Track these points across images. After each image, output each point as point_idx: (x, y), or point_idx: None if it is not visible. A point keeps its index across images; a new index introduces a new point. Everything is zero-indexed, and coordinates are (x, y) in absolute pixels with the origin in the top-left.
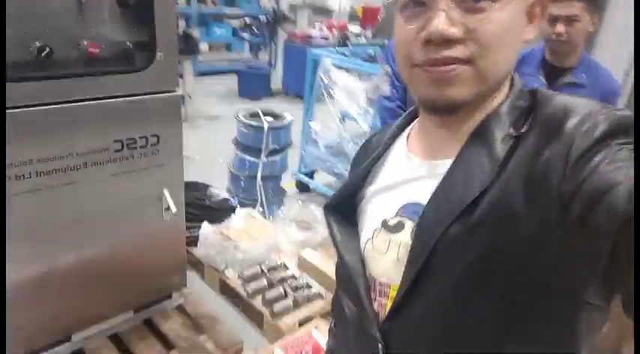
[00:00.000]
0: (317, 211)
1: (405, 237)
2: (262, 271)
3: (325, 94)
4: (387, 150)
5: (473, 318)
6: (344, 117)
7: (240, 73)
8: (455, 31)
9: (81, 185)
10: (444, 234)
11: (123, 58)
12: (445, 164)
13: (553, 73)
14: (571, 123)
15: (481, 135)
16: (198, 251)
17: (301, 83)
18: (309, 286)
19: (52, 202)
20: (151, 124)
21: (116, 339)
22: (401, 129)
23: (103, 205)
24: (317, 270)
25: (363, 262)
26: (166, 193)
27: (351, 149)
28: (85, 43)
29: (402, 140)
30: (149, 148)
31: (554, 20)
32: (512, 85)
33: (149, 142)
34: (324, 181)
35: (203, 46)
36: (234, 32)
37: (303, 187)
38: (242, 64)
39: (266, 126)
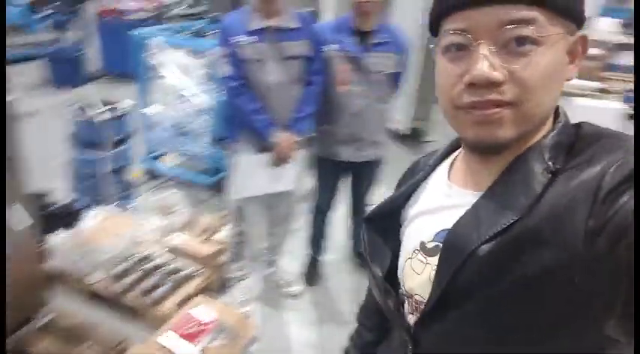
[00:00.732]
0: (174, 196)
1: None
2: (132, 265)
3: (158, 74)
4: (430, 174)
5: (493, 346)
6: (182, 95)
7: (52, 60)
8: (498, 75)
9: None
10: (470, 258)
11: None
12: (481, 194)
13: (361, 37)
14: (603, 159)
15: (518, 167)
16: (53, 265)
17: (124, 62)
18: (181, 269)
19: None
20: None
21: None
22: (445, 155)
23: None
24: (186, 251)
25: (391, 274)
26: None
27: (197, 126)
28: None
29: (444, 167)
30: None
31: None
32: (556, 120)
33: None
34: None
35: None
36: (30, 10)
37: (152, 175)
38: (46, 49)
39: (108, 116)
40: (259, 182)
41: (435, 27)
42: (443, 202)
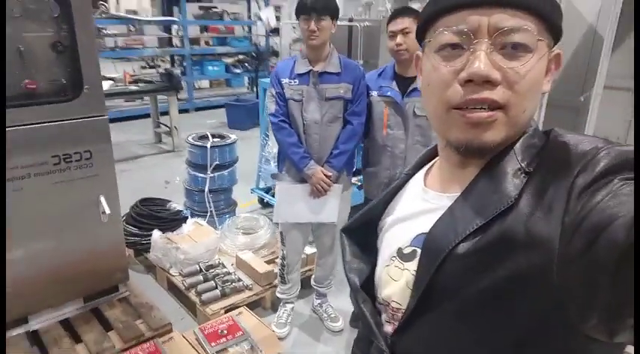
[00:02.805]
0: (261, 220)
1: (416, 265)
2: (200, 268)
3: None
4: (405, 183)
5: (472, 349)
6: None
7: (228, 106)
8: (497, 74)
9: (26, 192)
10: (448, 258)
11: (56, 91)
12: (457, 196)
13: (403, 83)
14: (575, 159)
15: (493, 169)
16: (150, 255)
17: None
18: (239, 280)
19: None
20: (84, 142)
21: (66, 323)
22: (421, 164)
23: (47, 208)
24: (249, 267)
25: (369, 284)
26: (102, 198)
27: None
28: (25, 81)
29: (420, 175)
30: (83, 161)
31: (392, 35)
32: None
33: (83, 156)
34: None
35: (202, 83)
36: (227, 69)
37: (264, 203)
38: (233, 99)
39: (209, 145)
40: (298, 210)
41: (426, 28)
42: (419, 208)
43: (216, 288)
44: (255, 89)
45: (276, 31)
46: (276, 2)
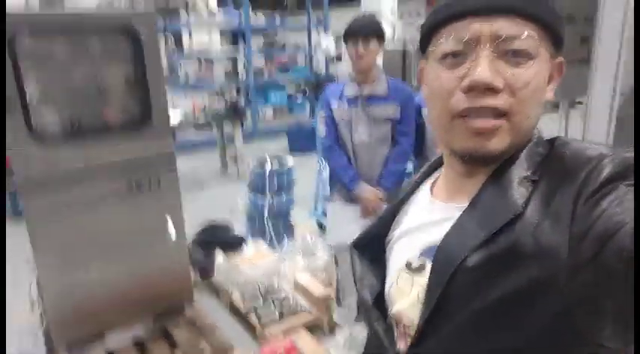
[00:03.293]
0: (319, 243)
1: (426, 278)
2: (260, 291)
3: None
4: (412, 195)
5: None
6: None
7: (289, 132)
8: (499, 81)
9: (103, 216)
10: (458, 271)
11: (131, 122)
12: (465, 207)
13: None
14: (580, 166)
15: (499, 178)
16: (215, 278)
17: None
18: (297, 303)
19: (81, 228)
20: (153, 170)
21: (137, 341)
22: (426, 175)
23: (121, 230)
24: (307, 291)
25: (381, 299)
26: (169, 221)
27: None
28: (103, 113)
29: (426, 187)
30: (152, 187)
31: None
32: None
33: (152, 182)
34: None
35: (266, 111)
36: (289, 96)
37: (323, 227)
38: (295, 125)
39: (267, 170)
40: (350, 231)
41: (429, 37)
42: (426, 219)
43: (276, 311)
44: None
45: (336, 59)
46: (336, 30)
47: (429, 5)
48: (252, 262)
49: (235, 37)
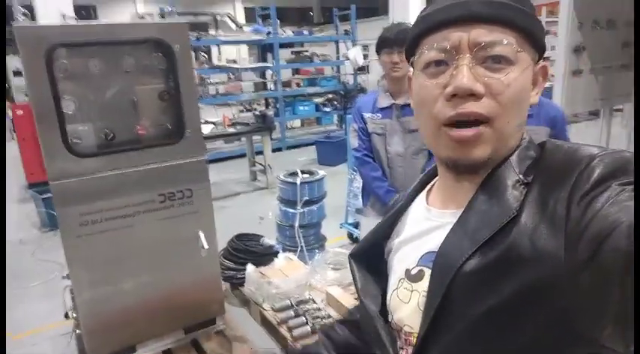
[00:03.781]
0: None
1: (425, 285)
2: (291, 303)
3: None
4: (409, 204)
5: None
6: None
7: (318, 143)
8: (480, 87)
9: (136, 228)
10: (456, 277)
11: (163, 135)
12: (460, 212)
13: None
14: (572, 167)
15: (492, 183)
16: (245, 289)
17: None
18: (329, 317)
19: (115, 240)
20: (185, 182)
21: (168, 353)
22: (423, 184)
23: (153, 242)
24: (339, 303)
25: (386, 309)
26: (201, 233)
27: None
28: (137, 127)
29: (422, 195)
30: (185, 199)
31: None
32: (521, 138)
33: (185, 194)
34: None
35: (294, 123)
36: (317, 108)
37: (353, 239)
38: (323, 136)
39: (299, 181)
40: None
41: (412, 49)
42: (423, 227)
43: (307, 324)
44: (343, 126)
45: (363, 69)
46: (363, 41)
47: None
48: (284, 274)
49: (264, 51)
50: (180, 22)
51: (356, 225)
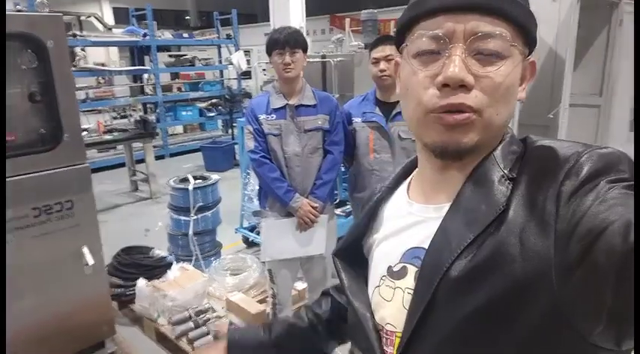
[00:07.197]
0: (248, 259)
1: (409, 282)
2: (190, 315)
3: None
4: (388, 197)
5: None
6: None
7: (204, 149)
8: (471, 78)
9: (10, 247)
10: (444, 278)
11: (36, 141)
12: (444, 207)
13: (385, 108)
14: (558, 165)
15: (478, 178)
16: (136, 306)
17: None
18: (231, 323)
19: None
20: (64, 192)
21: None
22: (401, 177)
23: (32, 262)
24: (241, 309)
25: (371, 309)
26: (85, 249)
27: None
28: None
29: (402, 189)
30: (64, 212)
31: (375, 62)
32: (504, 133)
33: (64, 206)
34: None
35: (176, 129)
36: (201, 113)
37: (249, 243)
38: (209, 142)
39: (191, 187)
40: (287, 246)
41: (403, 33)
42: (405, 222)
43: (209, 333)
44: (229, 131)
45: (246, 74)
46: (245, 47)
47: (332, 24)
48: (179, 285)
49: (140, 54)
50: (54, 14)
51: (251, 229)
